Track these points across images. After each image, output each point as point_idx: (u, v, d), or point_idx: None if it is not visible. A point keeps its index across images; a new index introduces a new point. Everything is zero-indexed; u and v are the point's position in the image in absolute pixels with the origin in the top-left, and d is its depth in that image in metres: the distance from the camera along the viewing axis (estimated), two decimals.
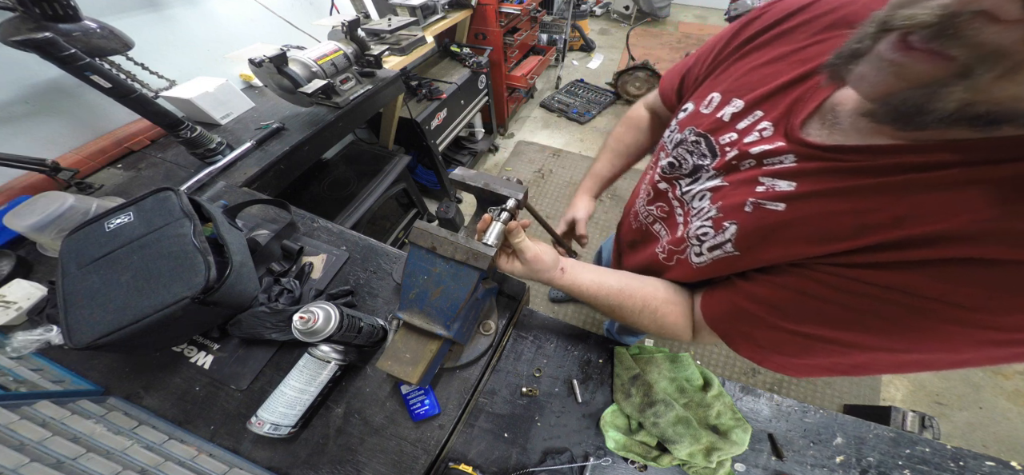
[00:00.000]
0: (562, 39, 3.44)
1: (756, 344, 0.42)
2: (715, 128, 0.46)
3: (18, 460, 0.40)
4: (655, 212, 0.60)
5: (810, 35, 0.41)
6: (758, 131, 0.42)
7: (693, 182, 0.50)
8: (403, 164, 1.72)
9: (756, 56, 0.45)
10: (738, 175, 0.43)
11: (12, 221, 0.68)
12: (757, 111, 0.42)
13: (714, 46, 0.54)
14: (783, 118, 0.40)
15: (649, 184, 0.61)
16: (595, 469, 0.60)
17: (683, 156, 0.51)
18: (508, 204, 0.57)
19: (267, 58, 0.98)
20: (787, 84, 0.40)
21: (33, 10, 0.73)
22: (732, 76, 0.47)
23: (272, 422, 0.54)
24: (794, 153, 0.38)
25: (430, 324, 0.53)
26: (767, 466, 0.60)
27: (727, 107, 0.45)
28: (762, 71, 0.44)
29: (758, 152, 0.41)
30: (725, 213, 0.42)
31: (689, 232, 0.48)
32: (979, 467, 0.59)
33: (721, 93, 0.47)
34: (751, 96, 0.43)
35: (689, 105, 0.52)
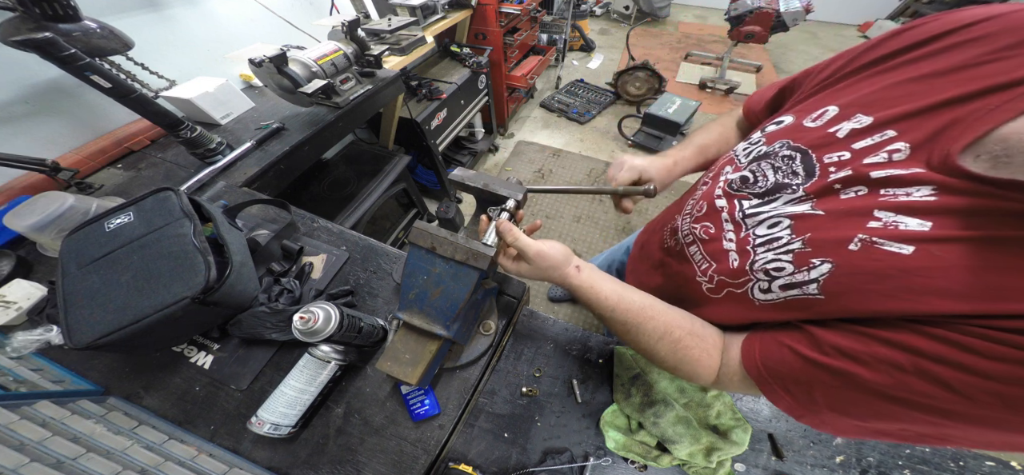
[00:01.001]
0: (562, 39, 3.44)
1: (809, 399, 0.36)
2: (821, 144, 0.38)
3: (18, 460, 0.40)
4: (697, 231, 0.52)
5: (993, 49, 0.31)
6: (886, 151, 0.33)
7: (765, 203, 0.42)
8: (403, 164, 1.72)
9: (902, 72, 0.36)
10: (839, 203, 0.35)
11: (12, 221, 0.68)
12: (889, 130, 0.34)
13: (834, 61, 0.46)
14: (926, 142, 0.31)
15: (703, 198, 0.53)
16: (595, 469, 0.60)
17: (763, 171, 0.43)
18: (507, 204, 0.57)
19: (267, 58, 0.98)
20: (944, 103, 0.31)
21: (33, 10, 0.73)
22: (861, 90, 0.38)
23: (272, 422, 0.54)
24: (935, 184, 0.30)
25: (430, 324, 0.53)
26: (767, 466, 0.60)
27: (846, 122, 0.37)
28: (909, 87, 0.34)
29: (880, 177, 0.33)
30: (816, 248, 0.35)
31: (754, 264, 0.41)
32: (979, 467, 0.59)
33: (840, 106, 0.38)
34: (885, 113, 0.34)
35: (786, 117, 0.44)
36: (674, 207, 0.66)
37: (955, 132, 0.30)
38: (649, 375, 0.65)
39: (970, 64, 0.32)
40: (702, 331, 0.48)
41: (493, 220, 0.54)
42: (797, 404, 0.37)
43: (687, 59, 4.02)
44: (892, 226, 0.31)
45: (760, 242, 0.41)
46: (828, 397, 0.35)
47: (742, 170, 0.46)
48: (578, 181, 2.62)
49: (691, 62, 3.98)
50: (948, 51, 0.34)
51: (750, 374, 0.41)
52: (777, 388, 0.38)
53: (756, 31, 2.92)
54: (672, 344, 0.47)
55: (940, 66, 0.34)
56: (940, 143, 0.30)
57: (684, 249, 0.55)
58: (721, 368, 0.45)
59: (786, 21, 2.82)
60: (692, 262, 0.53)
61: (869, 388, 0.32)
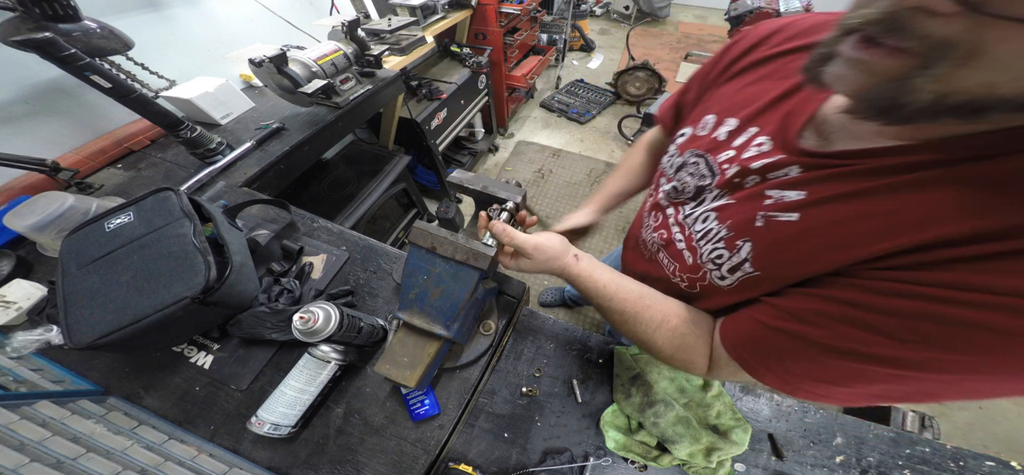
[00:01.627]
0: (562, 39, 3.44)
1: (786, 371, 0.38)
2: (713, 147, 0.46)
3: (18, 460, 0.40)
4: (656, 239, 0.57)
5: (791, 51, 0.43)
6: (755, 146, 0.41)
7: (697, 205, 0.48)
8: (403, 164, 1.72)
9: (743, 77, 0.47)
10: (743, 192, 0.42)
11: (12, 221, 0.69)
12: (751, 127, 0.43)
13: (704, 72, 0.55)
14: (779, 132, 0.40)
15: (653, 209, 0.59)
16: (595, 469, 0.60)
17: (684, 180, 0.50)
18: (507, 205, 0.57)
19: (267, 58, 0.98)
20: (776, 99, 0.41)
21: (33, 10, 0.73)
22: (723, 97, 0.48)
23: (272, 422, 0.54)
24: (798, 164, 0.37)
25: (430, 324, 0.53)
26: (767, 466, 0.60)
27: (722, 127, 0.46)
28: (751, 90, 0.45)
29: (760, 166, 0.40)
30: (736, 231, 0.41)
31: (702, 256, 0.46)
32: (979, 467, 0.59)
33: (715, 114, 0.47)
34: (744, 113, 0.44)
35: (686, 129, 0.52)
36: (637, 221, 0.69)
37: (791, 121, 0.39)
38: (649, 375, 0.65)
39: (783, 65, 0.43)
40: (699, 319, 0.49)
41: (492, 219, 0.55)
42: (778, 379, 0.39)
43: (687, 59, 4.02)
44: (780, 200, 0.37)
45: (700, 237, 0.47)
46: (799, 365, 0.37)
47: (672, 181, 0.53)
48: (578, 181, 2.62)
49: (691, 62, 3.98)
50: (770, 55, 0.45)
51: (730, 355, 0.43)
52: (754, 363, 0.40)
53: None
54: (670, 333, 0.49)
55: (768, 69, 0.44)
56: (786, 131, 0.39)
57: (654, 256, 0.58)
58: (712, 354, 0.47)
59: None
60: (663, 267, 0.56)
61: (819, 345, 0.34)
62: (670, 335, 0.48)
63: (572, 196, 2.52)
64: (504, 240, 0.52)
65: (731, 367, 0.43)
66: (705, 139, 0.48)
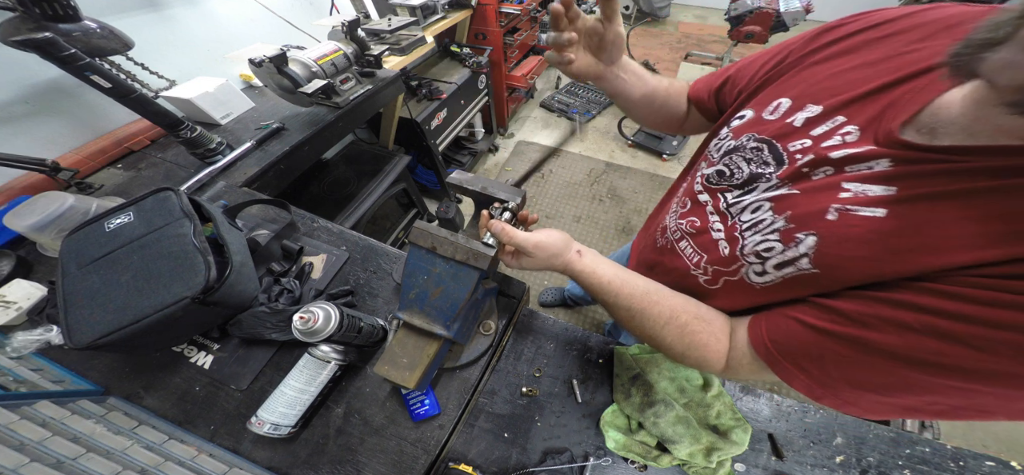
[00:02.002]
0: None
1: (824, 374, 0.36)
2: (783, 134, 0.41)
3: (18, 460, 0.40)
4: (684, 226, 0.54)
5: (909, 42, 0.37)
6: (840, 135, 0.37)
7: (745, 193, 0.44)
8: (403, 164, 1.72)
9: (839, 62, 0.41)
10: (811, 182, 0.38)
11: (12, 221, 0.68)
12: (838, 116, 0.38)
13: (773, 54, 0.49)
14: (873, 122, 0.35)
15: (686, 194, 0.55)
16: (595, 469, 0.60)
17: (737, 164, 0.45)
18: (509, 204, 0.57)
19: (267, 58, 0.98)
20: (879, 88, 0.36)
21: (33, 10, 0.73)
22: (806, 81, 0.42)
23: (272, 422, 0.54)
24: (890, 156, 0.33)
25: (430, 324, 0.53)
26: (767, 466, 0.60)
27: (800, 113, 0.41)
28: (848, 76, 0.39)
29: (840, 156, 0.36)
30: (798, 223, 0.37)
31: (743, 248, 0.42)
32: (979, 467, 0.59)
33: (791, 98, 0.42)
34: (832, 101, 0.39)
35: (747, 112, 0.47)
36: (661, 209, 0.66)
37: (893, 112, 0.34)
38: (649, 375, 0.65)
39: (893, 55, 0.37)
40: (709, 315, 0.47)
41: (493, 218, 0.54)
42: (813, 382, 0.36)
43: (687, 59, 4.02)
44: (861, 194, 0.34)
45: (746, 227, 0.43)
46: (843, 370, 0.35)
47: (716, 165, 0.49)
48: (578, 181, 2.62)
49: (691, 62, 3.98)
50: (879, 41, 0.40)
51: (759, 354, 0.40)
52: (789, 366, 0.37)
53: (756, 31, 2.92)
54: (678, 329, 0.47)
55: (869, 58, 0.39)
56: (883, 123, 0.34)
57: (674, 245, 0.56)
58: (730, 352, 0.45)
59: (786, 21, 2.82)
60: (683, 256, 0.54)
61: (882, 351, 0.32)
62: (679, 332, 0.47)
63: (572, 196, 2.52)
64: (504, 239, 0.51)
65: (755, 366, 0.41)
66: (774, 124, 0.43)
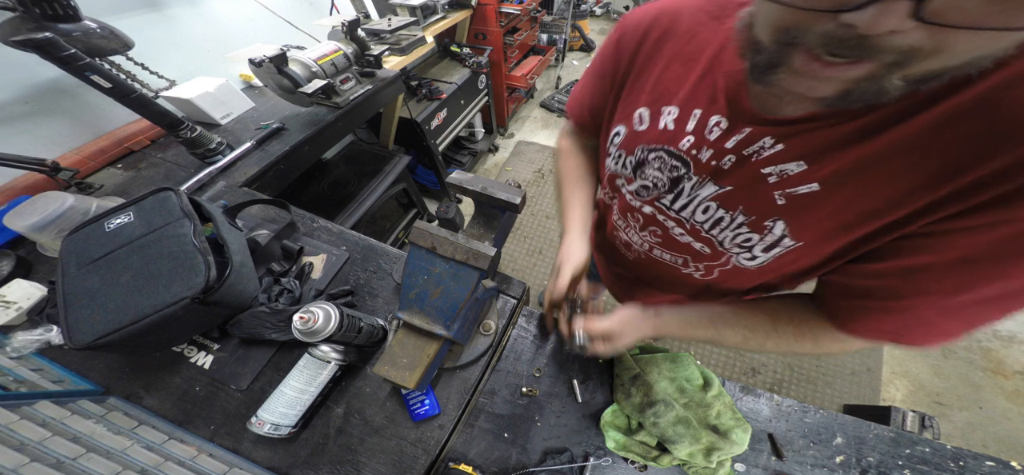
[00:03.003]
0: (562, 39, 3.43)
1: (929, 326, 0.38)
2: (666, 139, 0.46)
3: (18, 460, 0.40)
4: (648, 237, 0.58)
5: (684, 37, 0.44)
6: (716, 127, 0.42)
7: (678, 196, 0.49)
8: (403, 164, 1.72)
9: (652, 67, 0.47)
10: (735, 176, 0.42)
11: (12, 221, 0.68)
12: (695, 109, 0.43)
13: (606, 69, 0.54)
14: (730, 107, 0.41)
15: (626, 210, 0.59)
16: (595, 469, 0.60)
17: (652, 176, 0.50)
18: (576, 297, 0.60)
19: (267, 58, 0.98)
20: (700, 77, 0.43)
21: (33, 10, 0.73)
22: (644, 90, 0.48)
23: (272, 422, 0.54)
24: (770, 135, 0.38)
25: (430, 324, 0.53)
26: (767, 466, 0.60)
27: (664, 117, 0.46)
28: (668, 74, 0.46)
29: (733, 145, 0.41)
30: (758, 214, 0.42)
31: (723, 243, 0.47)
32: (979, 467, 0.59)
33: (647, 106, 0.48)
34: (678, 99, 0.45)
35: (619, 128, 0.52)
36: (605, 228, 0.70)
37: (735, 94, 0.40)
38: (649, 375, 0.65)
39: (683, 46, 0.44)
40: (787, 309, 0.50)
41: (574, 320, 0.57)
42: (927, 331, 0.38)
43: None
44: (784, 175, 0.38)
45: (710, 225, 0.47)
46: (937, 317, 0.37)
47: (636, 181, 0.53)
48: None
49: None
50: (660, 43, 0.46)
51: (881, 342, 0.42)
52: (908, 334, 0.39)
53: None
54: (781, 338, 0.49)
55: (669, 52, 0.46)
56: (737, 106, 0.40)
57: (649, 256, 0.61)
58: (820, 340, 0.47)
59: None
60: (665, 263, 0.58)
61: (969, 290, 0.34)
62: (785, 339, 0.49)
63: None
64: (594, 334, 0.55)
65: (861, 343, 0.44)
66: (651, 133, 0.48)
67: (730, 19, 0.40)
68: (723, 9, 0.42)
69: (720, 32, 0.41)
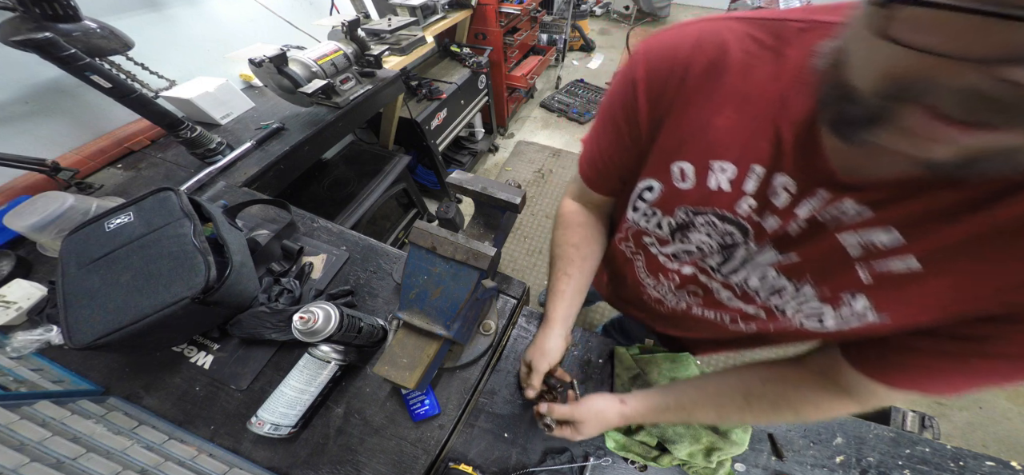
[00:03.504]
0: (562, 39, 3.44)
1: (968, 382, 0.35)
2: (721, 203, 0.40)
3: (18, 460, 0.40)
4: (688, 298, 0.54)
5: (736, 73, 0.36)
6: (783, 190, 0.35)
7: (727, 260, 0.44)
8: (403, 164, 1.72)
9: (693, 110, 0.39)
10: (801, 246, 0.36)
11: (12, 221, 0.68)
12: (755, 166, 0.36)
13: (624, 119, 0.45)
14: (800, 165, 0.33)
15: (661, 273, 0.54)
16: (595, 469, 0.60)
17: (698, 240, 0.44)
18: (554, 383, 0.59)
19: (267, 58, 0.98)
20: (760, 126, 0.35)
21: (33, 10, 0.73)
22: (687, 139, 0.40)
23: (272, 422, 0.54)
24: (856, 199, 0.31)
25: (430, 324, 0.53)
26: (767, 466, 0.60)
27: (714, 175, 0.39)
28: (719, 121, 0.37)
29: (808, 214, 0.34)
30: (833, 289, 0.36)
31: (785, 311, 0.42)
32: (979, 467, 0.59)
33: (690, 161, 0.40)
34: (733, 154, 0.37)
35: (651, 182, 0.45)
36: (628, 283, 0.64)
37: (808, 149, 0.33)
38: (649, 375, 0.65)
39: (734, 88, 0.36)
40: (786, 375, 0.47)
41: (542, 405, 0.56)
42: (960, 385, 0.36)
43: None
44: (872, 247, 0.32)
45: (768, 293, 0.42)
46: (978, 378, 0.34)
47: (672, 244, 0.48)
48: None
49: None
50: (700, 83, 0.37)
51: (914, 393, 0.39)
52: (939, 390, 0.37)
53: None
54: (767, 406, 0.47)
55: (716, 96, 0.37)
56: (810, 165, 0.33)
57: (688, 313, 0.56)
58: (857, 396, 0.42)
59: None
60: (712, 321, 0.53)
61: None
62: (769, 408, 0.47)
63: None
64: (562, 419, 0.53)
65: (898, 397, 0.40)
66: (697, 193, 0.41)
67: (790, 49, 0.33)
68: (779, 37, 0.34)
69: (781, 69, 0.33)
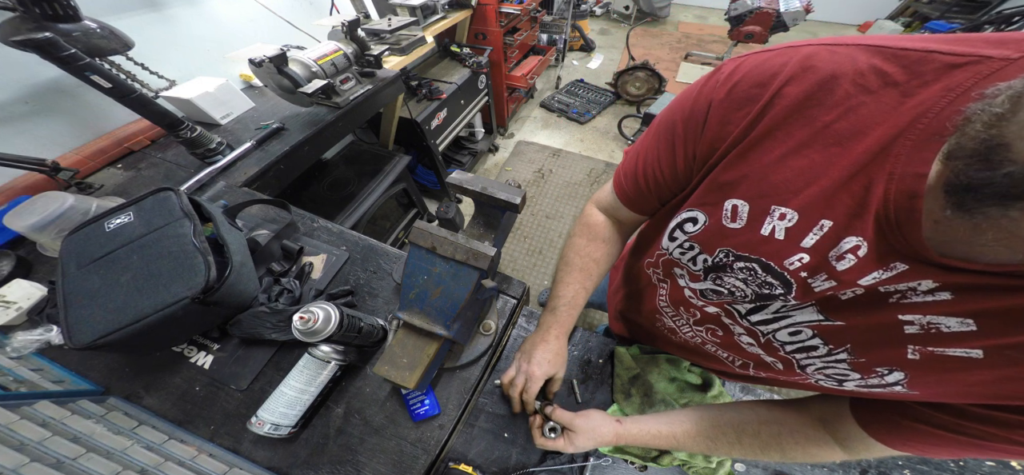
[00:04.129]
0: (562, 39, 3.44)
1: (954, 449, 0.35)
2: (769, 252, 0.35)
3: (18, 460, 0.40)
4: (703, 333, 0.52)
5: (836, 108, 0.30)
6: (851, 252, 0.31)
7: (756, 310, 0.41)
8: (403, 164, 1.72)
9: (769, 142, 0.33)
10: (850, 314, 0.33)
11: (12, 221, 0.68)
12: (823, 221, 0.31)
13: (691, 130, 0.40)
14: (883, 230, 0.29)
15: (683, 306, 0.51)
16: (595, 469, 0.60)
17: (731, 284, 0.40)
18: (544, 401, 0.60)
19: (267, 58, 0.98)
20: (846, 176, 0.30)
21: (33, 10, 0.73)
22: (748, 178, 0.35)
23: (272, 422, 0.54)
24: (935, 279, 0.28)
25: (430, 324, 0.53)
26: (767, 466, 0.60)
27: (770, 220, 0.34)
28: (795, 161, 0.32)
29: (870, 282, 0.30)
30: (869, 358, 0.34)
31: (806, 368, 0.40)
32: (979, 467, 0.59)
33: (747, 201, 0.35)
34: (800, 201, 0.32)
35: (696, 213, 0.40)
36: (642, 306, 0.63)
37: (901, 217, 0.27)
38: (649, 375, 0.65)
39: (827, 124, 0.30)
40: (780, 418, 0.47)
41: (541, 413, 0.58)
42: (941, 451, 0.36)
43: (687, 59, 4.03)
44: (934, 329, 0.29)
45: (796, 348, 0.40)
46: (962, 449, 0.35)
47: (703, 281, 0.44)
48: (578, 181, 2.62)
49: (691, 62, 3.98)
50: (792, 113, 0.32)
51: (903, 451, 0.39)
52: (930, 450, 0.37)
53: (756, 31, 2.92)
54: (759, 444, 0.48)
55: (801, 132, 0.31)
56: (895, 230, 0.28)
57: (701, 347, 0.56)
58: (847, 445, 0.43)
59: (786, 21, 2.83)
60: (721, 359, 0.54)
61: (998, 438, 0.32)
62: (761, 445, 0.48)
63: (572, 196, 2.52)
64: (562, 423, 0.54)
65: (880, 451, 0.40)
66: (746, 236, 0.36)
67: (926, 89, 0.26)
68: (915, 72, 0.27)
69: (901, 111, 0.27)
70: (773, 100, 0.32)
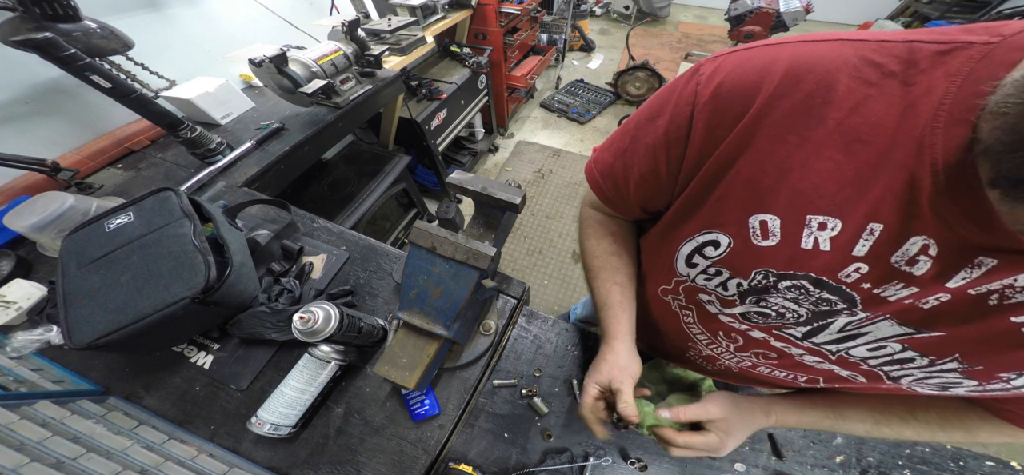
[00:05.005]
0: (562, 39, 3.44)
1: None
2: (818, 267, 0.33)
3: (18, 460, 0.40)
4: (754, 359, 0.48)
5: (843, 107, 0.28)
6: (922, 254, 0.28)
7: (818, 331, 0.38)
8: (403, 164, 1.72)
9: (781, 150, 0.31)
10: (948, 323, 0.30)
11: (12, 221, 0.68)
12: (872, 224, 0.29)
13: (671, 145, 0.38)
14: (948, 224, 0.27)
15: (721, 331, 0.47)
16: (595, 469, 0.60)
17: (780, 306, 0.37)
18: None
19: (267, 58, 0.98)
20: (877, 172, 0.28)
21: (33, 10, 0.73)
22: (772, 189, 0.32)
23: (272, 422, 0.54)
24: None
25: (430, 324, 0.53)
26: (767, 466, 0.60)
27: (809, 232, 0.32)
28: (817, 165, 0.30)
29: (960, 284, 0.28)
30: (995, 369, 0.31)
31: (896, 380, 0.37)
32: (979, 467, 0.59)
33: (776, 214, 0.32)
34: (837, 206, 0.30)
35: (717, 236, 0.37)
36: (670, 334, 0.57)
37: (968, 208, 0.25)
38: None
39: (839, 121, 0.28)
40: (943, 400, 0.44)
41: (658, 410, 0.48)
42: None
43: (687, 59, 4.03)
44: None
45: (883, 362, 0.36)
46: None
47: (740, 305, 0.40)
48: (578, 181, 2.62)
49: (691, 62, 3.98)
50: (796, 111, 0.30)
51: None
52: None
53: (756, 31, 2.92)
54: (928, 421, 0.44)
55: (815, 133, 0.29)
56: (963, 224, 0.26)
57: (750, 373, 0.52)
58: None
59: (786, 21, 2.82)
60: (780, 379, 0.50)
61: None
62: (937, 421, 0.44)
63: (572, 196, 2.52)
64: (683, 417, 0.46)
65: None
66: (785, 253, 0.33)
67: (924, 76, 0.26)
68: (907, 61, 0.26)
69: (913, 101, 0.26)
70: (771, 107, 0.30)
